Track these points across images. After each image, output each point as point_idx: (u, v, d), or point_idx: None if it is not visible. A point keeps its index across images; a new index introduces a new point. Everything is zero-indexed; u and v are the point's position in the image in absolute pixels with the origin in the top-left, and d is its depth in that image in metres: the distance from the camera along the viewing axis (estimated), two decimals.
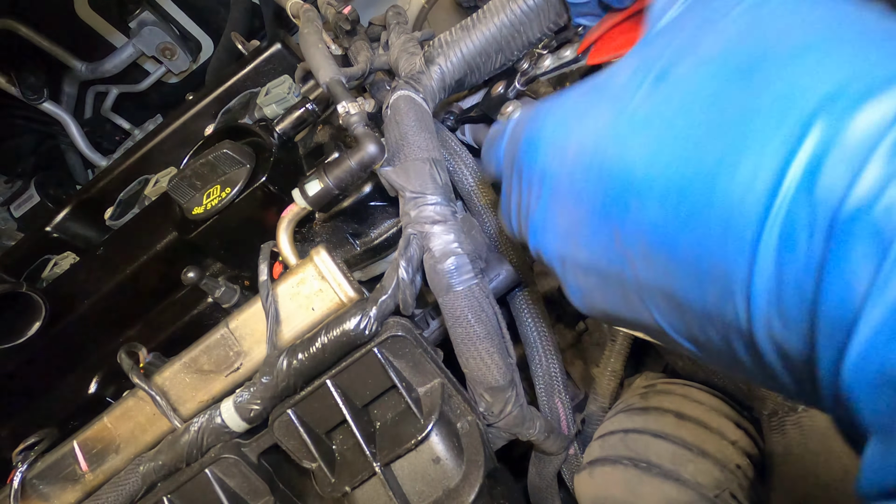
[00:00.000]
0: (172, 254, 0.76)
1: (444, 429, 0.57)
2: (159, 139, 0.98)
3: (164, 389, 0.62)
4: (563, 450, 0.70)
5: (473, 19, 0.58)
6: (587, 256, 0.33)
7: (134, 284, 0.78)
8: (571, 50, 0.57)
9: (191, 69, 1.61)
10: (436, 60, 0.60)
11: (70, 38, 1.49)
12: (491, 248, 0.69)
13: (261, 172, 0.66)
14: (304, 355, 0.56)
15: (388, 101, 0.59)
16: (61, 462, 0.65)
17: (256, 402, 0.57)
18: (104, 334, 0.82)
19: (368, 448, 0.56)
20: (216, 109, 0.94)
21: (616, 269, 0.30)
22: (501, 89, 0.65)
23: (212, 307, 0.77)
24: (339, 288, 0.58)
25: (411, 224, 0.55)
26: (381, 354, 0.56)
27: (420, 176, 0.55)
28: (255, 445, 0.61)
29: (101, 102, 1.62)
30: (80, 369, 0.82)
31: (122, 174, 1.00)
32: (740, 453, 0.61)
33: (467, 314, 0.54)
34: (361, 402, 0.59)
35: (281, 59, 0.93)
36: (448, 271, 0.53)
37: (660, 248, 0.27)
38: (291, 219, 0.61)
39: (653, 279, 0.28)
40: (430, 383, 0.58)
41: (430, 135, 0.58)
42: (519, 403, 0.58)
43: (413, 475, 0.56)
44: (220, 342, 0.61)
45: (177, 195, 0.68)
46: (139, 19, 1.48)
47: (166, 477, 0.61)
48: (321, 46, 0.65)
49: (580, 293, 0.36)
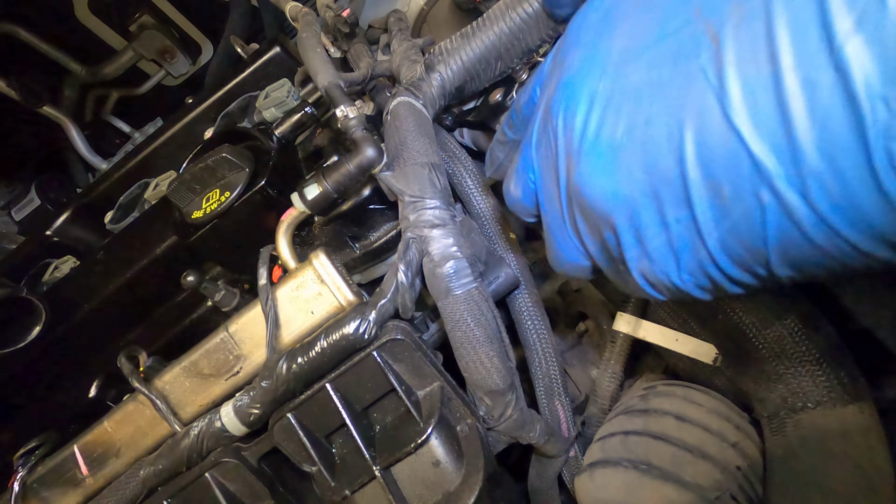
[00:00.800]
0: (172, 258, 0.76)
1: (444, 432, 0.57)
2: (159, 143, 0.98)
3: (164, 393, 0.62)
4: (564, 452, 0.70)
5: (473, 27, 0.59)
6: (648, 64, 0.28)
7: (134, 288, 0.78)
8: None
9: (190, 72, 1.62)
10: (436, 68, 0.60)
11: (70, 42, 1.49)
12: (490, 250, 0.69)
13: (260, 176, 0.66)
14: (303, 359, 0.56)
15: (389, 107, 0.60)
16: (62, 466, 0.65)
17: (256, 406, 0.57)
18: (104, 338, 0.82)
19: (368, 451, 0.56)
20: (215, 113, 0.95)
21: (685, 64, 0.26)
22: (499, 97, 0.65)
23: (211, 311, 0.77)
24: (339, 291, 0.58)
25: (410, 228, 0.55)
26: (380, 358, 0.56)
27: (419, 180, 0.55)
28: (255, 449, 0.61)
29: (102, 106, 1.62)
30: (80, 373, 0.82)
31: (121, 178, 1.00)
32: (740, 455, 0.61)
33: (466, 318, 0.54)
34: (361, 406, 0.59)
35: (280, 63, 0.93)
36: (447, 275, 0.53)
37: None
38: (290, 222, 0.61)
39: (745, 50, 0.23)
40: (429, 386, 0.58)
41: (430, 140, 0.58)
42: (519, 407, 0.58)
43: (413, 479, 0.56)
44: (219, 346, 0.61)
45: (176, 199, 0.68)
46: (139, 23, 1.49)
47: (167, 481, 0.61)
48: (320, 50, 0.66)
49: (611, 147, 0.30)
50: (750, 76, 0.23)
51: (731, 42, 0.24)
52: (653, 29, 0.28)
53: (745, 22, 0.23)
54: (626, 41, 0.30)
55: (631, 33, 0.30)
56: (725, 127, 0.24)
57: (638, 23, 0.29)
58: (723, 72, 0.24)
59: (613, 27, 0.31)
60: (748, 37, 0.23)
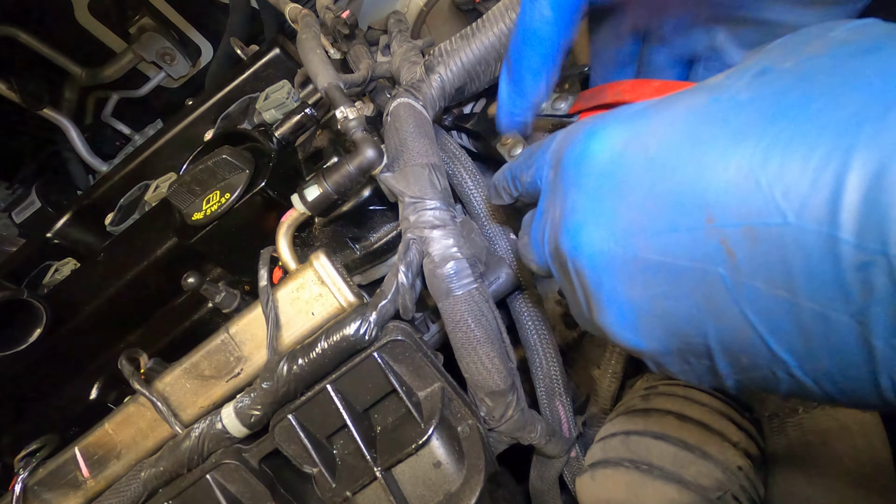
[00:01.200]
0: (172, 259, 0.77)
1: (445, 433, 0.57)
2: (159, 145, 0.98)
3: (164, 395, 0.62)
4: (565, 453, 0.70)
5: (473, 28, 0.59)
6: (659, 249, 0.29)
7: (134, 290, 0.78)
8: (566, 104, 0.55)
9: (190, 74, 1.62)
10: (436, 69, 0.60)
11: (70, 45, 1.49)
12: (490, 251, 0.69)
13: (260, 178, 0.66)
14: (304, 360, 0.56)
15: (389, 109, 0.60)
16: (63, 468, 0.65)
17: (257, 408, 0.57)
18: (105, 340, 0.82)
19: (369, 453, 0.56)
20: (215, 115, 0.95)
21: (701, 263, 0.27)
22: None
23: (212, 312, 0.77)
24: (339, 293, 0.58)
25: (411, 229, 0.55)
26: (381, 359, 0.56)
27: (419, 181, 0.55)
28: (256, 451, 0.61)
29: (102, 108, 1.62)
30: (81, 375, 0.82)
31: (122, 180, 1.00)
32: (742, 455, 0.61)
33: (467, 318, 0.54)
34: (362, 407, 0.59)
35: (280, 64, 0.93)
36: (447, 276, 0.53)
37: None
38: (291, 224, 0.61)
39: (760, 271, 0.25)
40: (430, 387, 0.58)
41: (430, 141, 0.58)
42: (520, 407, 0.58)
43: (414, 479, 0.56)
44: (220, 347, 0.61)
45: (176, 201, 0.68)
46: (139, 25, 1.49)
47: (167, 483, 0.61)
48: (319, 51, 0.66)
49: (632, 309, 0.31)
50: (766, 294, 0.25)
51: (748, 263, 0.25)
52: (663, 215, 0.28)
53: (759, 245, 0.24)
54: (634, 213, 0.30)
55: (639, 207, 0.30)
56: (747, 327, 0.26)
57: (646, 201, 0.29)
58: (741, 283, 0.26)
59: (620, 191, 0.31)
60: (762, 257, 0.25)
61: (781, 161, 0.23)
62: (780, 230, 0.23)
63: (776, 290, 0.24)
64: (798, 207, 0.23)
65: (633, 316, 0.32)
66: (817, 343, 0.24)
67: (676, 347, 0.31)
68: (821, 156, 0.22)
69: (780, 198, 0.23)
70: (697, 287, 0.27)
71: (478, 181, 0.69)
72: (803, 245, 0.23)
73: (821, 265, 0.22)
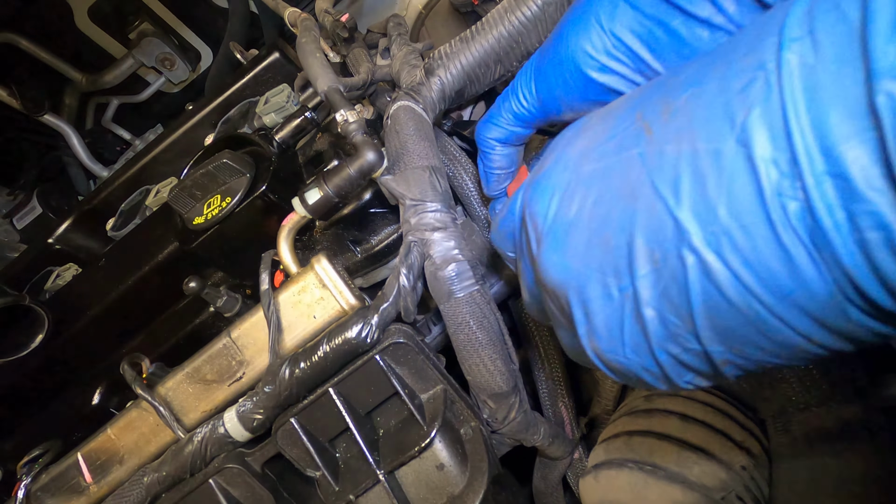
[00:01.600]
0: (174, 264, 0.77)
1: (448, 435, 0.56)
2: (159, 150, 0.98)
3: (167, 400, 0.62)
4: (568, 454, 0.70)
5: (473, 31, 0.59)
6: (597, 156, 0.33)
7: (136, 295, 0.79)
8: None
9: (190, 79, 1.62)
10: (436, 72, 0.60)
11: (70, 51, 1.50)
12: (492, 252, 0.69)
13: (261, 181, 0.66)
14: (306, 364, 0.56)
15: (389, 112, 0.60)
16: (66, 474, 0.65)
17: (259, 412, 0.57)
18: (107, 345, 0.82)
19: (372, 456, 0.56)
20: (216, 119, 0.95)
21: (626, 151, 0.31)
22: None
23: (214, 317, 0.77)
24: (341, 296, 0.58)
25: (412, 231, 0.55)
26: (383, 362, 0.56)
27: (420, 183, 0.55)
28: (259, 455, 0.61)
29: (102, 113, 1.63)
30: (83, 381, 0.82)
31: (123, 185, 1.00)
32: (745, 454, 0.60)
33: (469, 321, 0.54)
34: (364, 410, 0.59)
35: (279, 68, 0.93)
36: (449, 278, 0.53)
37: None
38: (292, 227, 0.61)
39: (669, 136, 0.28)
40: (432, 390, 0.58)
41: (430, 143, 0.58)
42: (523, 409, 0.58)
43: (417, 482, 0.56)
44: (222, 352, 0.61)
45: (177, 205, 0.68)
46: (138, 30, 1.49)
47: (170, 487, 0.61)
48: (319, 55, 0.66)
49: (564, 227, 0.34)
50: (671, 153, 0.28)
51: (660, 129, 0.29)
52: (606, 131, 0.33)
53: (672, 115, 0.29)
54: (585, 143, 0.35)
55: (591, 137, 0.35)
56: (654, 197, 0.28)
57: (596, 129, 0.35)
58: (652, 152, 0.29)
59: (579, 136, 0.36)
60: (673, 125, 0.28)
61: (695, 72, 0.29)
62: (688, 96, 0.28)
63: (681, 146, 0.27)
64: (702, 78, 0.28)
65: (564, 233, 0.34)
66: (710, 187, 0.26)
67: (598, 263, 0.32)
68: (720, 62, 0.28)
69: (692, 77, 0.29)
70: (621, 177, 0.30)
71: (478, 182, 0.69)
72: (703, 95, 0.27)
73: (712, 101, 0.26)
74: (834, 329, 0.25)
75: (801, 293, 0.24)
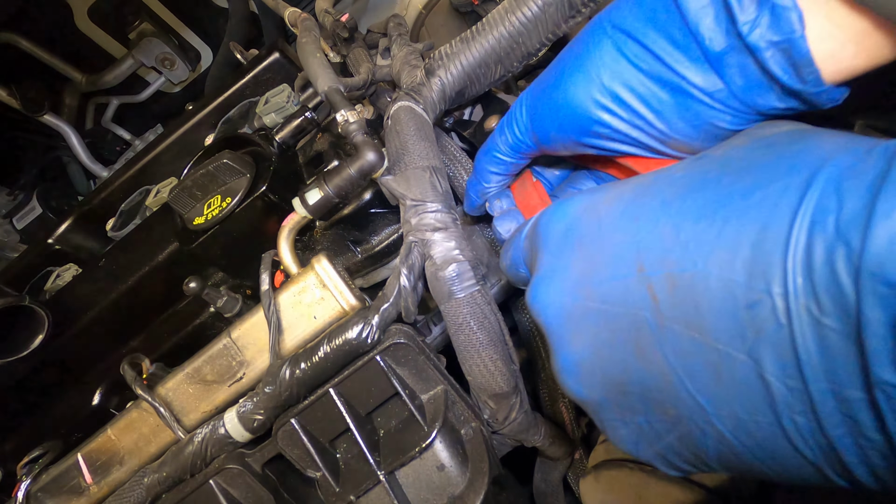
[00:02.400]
0: (174, 264, 0.77)
1: (448, 436, 0.56)
2: (160, 150, 0.98)
3: (167, 400, 0.62)
4: (569, 454, 0.70)
5: (473, 32, 0.59)
6: (600, 297, 0.33)
7: (136, 295, 0.78)
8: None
9: (190, 79, 1.62)
10: (436, 72, 0.60)
11: (70, 51, 1.50)
12: (492, 252, 0.69)
13: (261, 182, 0.66)
14: (306, 364, 0.56)
15: (389, 112, 0.60)
16: (66, 475, 0.65)
17: (260, 412, 0.57)
18: (107, 346, 0.82)
19: (372, 456, 0.56)
20: (216, 119, 0.95)
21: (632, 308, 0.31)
22: (494, 124, 0.66)
23: (214, 317, 0.77)
24: (341, 296, 0.58)
25: (412, 232, 0.55)
26: (383, 362, 0.56)
27: (420, 184, 0.55)
28: (259, 455, 0.61)
29: (102, 113, 1.63)
30: (83, 381, 0.82)
31: (123, 185, 1.00)
32: None
33: (469, 321, 0.54)
34: (365, 411, 0.59)
35: (279, 68, 0.93)
36: (449, 278, 0.53)
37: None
38: (292, 227, 0.61)
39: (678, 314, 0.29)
40: (433, 390, 0.58)
41: (431, 143, 0.58)
42: (523, 410, 0.58)
43: (418, 483, 0.56)
44: (222, 352, 0.61)
45: (177, 206, 0.68)
46: (138, 30, 1.49)
47: (170, 488, 0.61)
48: (319, 55, 0.66)
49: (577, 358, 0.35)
50: (682, 334, 0.29)
51: (667, 303, 0.29)
52: (606, 267, 0.33)
53: (676, 290, 0.29)
54: (584, 265, 0.35)
55: (587, 259, 0.35)
56: (668, 370, 0.29)
57: (592, 254, 0.35)
58: (661, 324, 0.29)
59: (573, 248, 0.37)
60: (679, 306, 0.29)
61: (695, 221, 0.29)
62: (692, 276, 0.28)
63: (691, 332, 0.28)
64: (706, 257, 0.28)
65: (577, 364, 0.35)
66: (726, 383, 0.27)
67: (613, 399, 0.34)
68: (723, 218, 0.28)
69: (693, 249, 0.28)
70: (629, 332, 0.31)
71: None
72: (708, 288, 0.27)
73: (722, 305, 0.27)
74: (812, 482, 0.28)
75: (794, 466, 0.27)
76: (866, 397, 0.23)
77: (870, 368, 0.22)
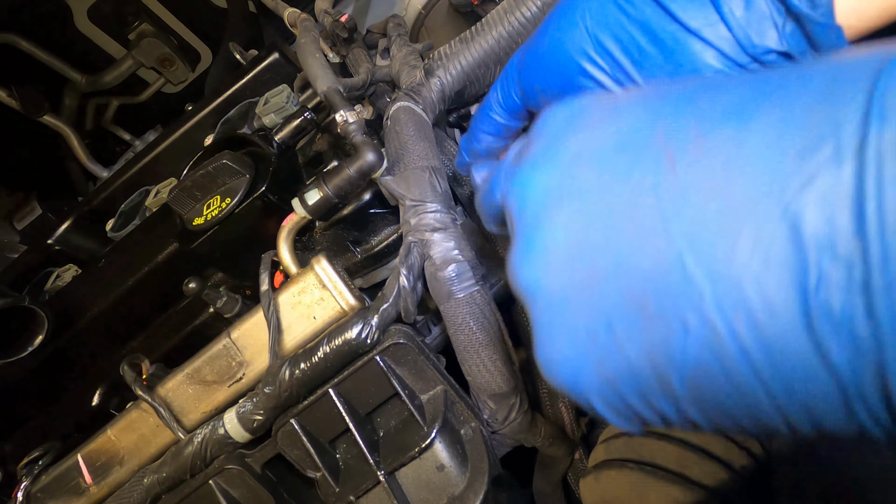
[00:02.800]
0: (174, 265, 0.77)
1: (448, 436, 0.56)
2: (159, 150, 0.98)
3: (167, 401, 0.62)
4: (569, 455, 0.70)
5: (472, 32, 0.59)
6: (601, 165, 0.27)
7: (136, 296, 0.78)
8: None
9: (190, 79, 1.62)
10: (436, 73, 0.60)
11: (70, 51, 1.50)
12: (492, 252, 0.69)
13: (260, 182, 0.66)
14: (306, 364, 0.56)
15: (389, 112, 0.60)
16: (65, 475, 0.65)
17: (259, 413, 0.57)
18: (106, 346, 0.82)
19: (372, 456, 0.56)
20: (215, 120, 0.95)
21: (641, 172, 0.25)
22: None
23: (213, 317, 0.77)
24: (341, 296, 0.58)
25: (412, 232, 0.55)
26: (383, 362, 0.56)
27: (420, 184, 0.55)
28: (259, 456, 0.61)
29: (102, 114, 1.63)
30: (82, 382, 0.82)
31: (122, 186, 1.00)
32: (745, 454, 0.60)
33: (469, 321, 0.54)
34: (364, 411, 0.59)
35: (279, 69, 0.93)
36: (449, 278, 0.53)
37: None
38: (292, 228, 0.61)
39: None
40: (432, 390, 0.58)
41: (430, 144, 0.58)
42: (523, 410, 0.58)
43: (417, 483, 0.56)
44: (222, 352, 0.61)
45: (177, 206, 0.68)
46: (138, 31, 1.49)
47: (170, 489, 0.61)
48: (319, 55, 0.66)
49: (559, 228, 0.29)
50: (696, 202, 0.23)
51: (686, 167, 0.24)
52: (612, 136, 0.28)
53: (705, 153, 0.23)
54: (582, 140, 0.30)
55: (591, 135, 0.29)
56: (665, 243, 0.24)
57: (599, 127, 0.29)
58: (672, 190, 0.24)
59: (575, 128, 0.31)
60: (704, 167, 0.23)
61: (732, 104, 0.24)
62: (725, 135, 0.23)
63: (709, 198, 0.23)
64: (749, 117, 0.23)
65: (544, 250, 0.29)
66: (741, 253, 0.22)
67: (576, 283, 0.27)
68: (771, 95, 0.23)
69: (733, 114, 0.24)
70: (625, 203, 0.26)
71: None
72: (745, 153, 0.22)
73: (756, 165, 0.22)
74: (824, 425, 0.22)
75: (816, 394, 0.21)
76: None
77: None
